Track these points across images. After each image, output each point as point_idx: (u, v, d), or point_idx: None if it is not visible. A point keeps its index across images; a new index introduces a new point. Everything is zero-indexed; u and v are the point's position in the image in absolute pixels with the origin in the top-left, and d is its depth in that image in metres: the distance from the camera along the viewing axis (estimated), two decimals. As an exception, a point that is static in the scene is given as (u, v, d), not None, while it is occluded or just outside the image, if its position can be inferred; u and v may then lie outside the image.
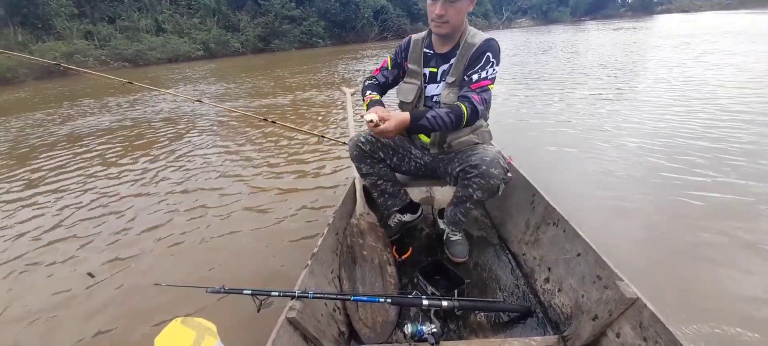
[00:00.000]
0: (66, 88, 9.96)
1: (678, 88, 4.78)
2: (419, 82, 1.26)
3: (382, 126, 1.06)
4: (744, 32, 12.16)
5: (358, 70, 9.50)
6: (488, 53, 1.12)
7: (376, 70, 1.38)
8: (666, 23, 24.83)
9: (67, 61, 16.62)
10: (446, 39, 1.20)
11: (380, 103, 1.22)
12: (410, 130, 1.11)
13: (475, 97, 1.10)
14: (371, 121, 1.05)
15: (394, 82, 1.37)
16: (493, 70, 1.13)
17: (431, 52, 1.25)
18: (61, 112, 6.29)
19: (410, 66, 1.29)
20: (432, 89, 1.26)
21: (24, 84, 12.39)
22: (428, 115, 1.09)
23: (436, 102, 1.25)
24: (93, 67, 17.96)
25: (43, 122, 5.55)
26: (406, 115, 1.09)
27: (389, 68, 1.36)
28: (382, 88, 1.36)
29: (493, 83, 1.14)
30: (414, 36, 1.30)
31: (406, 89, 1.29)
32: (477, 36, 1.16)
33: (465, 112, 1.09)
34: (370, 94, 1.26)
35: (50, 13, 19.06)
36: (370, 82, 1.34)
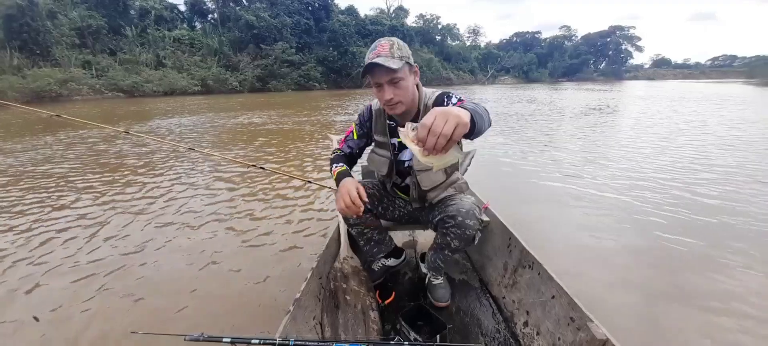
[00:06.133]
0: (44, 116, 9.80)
1: (649, 141, 5.16)
2: (389, 153, 1.27)
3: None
4: (707, 98, 13.51)
5: (349, 115, 9.86)
6: (445, 97, 1.13)
7: (342, 141, 1.35)
8: (634, 87, 27.33)
9: (60, 88, 16.64)
10: (405, 113, 1.16)
11: (349, 174, 1.19)
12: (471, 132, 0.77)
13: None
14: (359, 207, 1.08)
15: (361, 152, 1.36)
16: (458, 100, 1.08)
17: (395, 123, 1.23)
18: (20, 145, 6.14)
19: (377, 138, 1.30)
20: (405, 155, 1.27)
21: (8, 108, 12.18)
22: (477, 111, 0.80)
23: (408, 166, 1.27)
24: (87, 96, 17.99)
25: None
26: (466, 114, 0.74)
27: (355, 138, 1.33)
28: (350, 159, 1.33)
29: None
30: (374, 106, 1.28)
31: (380, 162, 1.30)
32: (433, 95, 1.17)
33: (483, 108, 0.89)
34: (337, 167, 1.23)
35: (51, 41, 19.34)
36: (335, 155, 1.32)
